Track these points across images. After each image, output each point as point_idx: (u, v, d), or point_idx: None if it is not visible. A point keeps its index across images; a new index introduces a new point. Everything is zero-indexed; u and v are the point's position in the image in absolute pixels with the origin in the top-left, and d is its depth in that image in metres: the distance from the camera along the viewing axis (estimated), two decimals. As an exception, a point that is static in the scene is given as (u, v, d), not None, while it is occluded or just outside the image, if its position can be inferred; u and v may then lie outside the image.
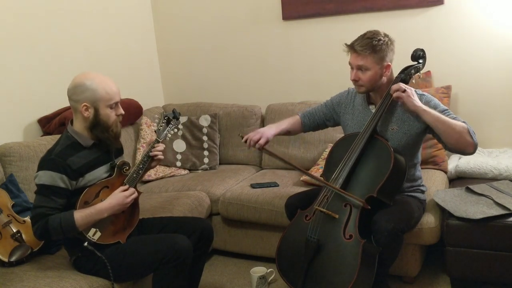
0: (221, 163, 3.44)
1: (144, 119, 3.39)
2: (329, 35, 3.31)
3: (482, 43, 2.94)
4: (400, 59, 2.29)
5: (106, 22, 3.40)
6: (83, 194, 1.97)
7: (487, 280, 2.29)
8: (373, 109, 2.29)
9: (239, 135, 2.43)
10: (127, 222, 2.10)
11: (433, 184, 2.63)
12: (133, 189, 2.07)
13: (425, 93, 2.25)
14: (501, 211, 2.18)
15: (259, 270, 2.56)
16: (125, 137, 3.19)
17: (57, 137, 2.57)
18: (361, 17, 3.19)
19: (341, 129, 2.50)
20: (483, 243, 2.21)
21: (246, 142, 2.35)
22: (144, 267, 2.01)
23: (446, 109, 2.18)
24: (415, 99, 2.11)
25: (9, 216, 2.23)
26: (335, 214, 2.09)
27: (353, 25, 3.19)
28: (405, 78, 2.22)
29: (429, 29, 3.05)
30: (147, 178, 3.18)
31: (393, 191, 2.13)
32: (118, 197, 2.01)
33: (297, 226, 2.21)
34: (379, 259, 2.02)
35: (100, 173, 2.06)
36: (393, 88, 2.14)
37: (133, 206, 2.12)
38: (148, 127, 3.35)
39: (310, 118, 2.51)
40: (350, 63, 2.23)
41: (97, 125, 2.00)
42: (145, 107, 3.49)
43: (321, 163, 2.93)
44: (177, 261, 1.96)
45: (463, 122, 2.11)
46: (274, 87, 3.60)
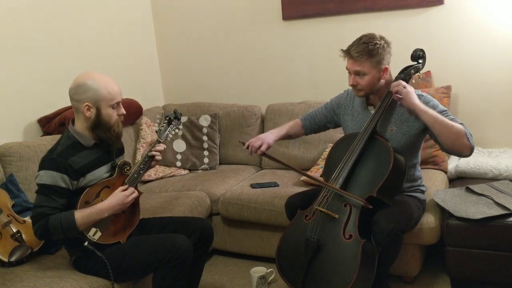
0: (221, 163, 3.44)
1: (144, 119, 3.39)
2: (329, 35, 3.31)
3: (482, 43, 2.94)
4: (400, 59, 2.29)
5: (106, 22, 3.40)
6: (83, 194, 1.97)
7: (487, 280, 2.29)
8: (372, 110, 2.29)
9: (240, 141, 2.45)
10: (127, 222, 2.10)
11: (433, 184, 2.63)
12: (133, 189, 2.06)
13: (424, 94, 2.25)
14: (501, 211, 2.18)
15: (259, 270, 2.56)
16: (125, 137, 3.18)
17: (57, 137, 2.58)
18: (361, 17, 3.19)
19: (341, 129, 2.50)
20: (483, 243, 2.21)
21: (247, 148, 2.37)
22: (144, 267, 2.01)
23: (444, 110, 2.18)
24: (414, 96, 2.11)
25: (9, 216, 2.23)
26: (335, 214, 2.09)
27: (353, 25, 3.20)
28: (404, 78, 2.21)
29: (429, 29, 3.05)
30: (147, 178, 3.18)
31: (393, 191, 2.13)
32: (118, 197, 2.01)
33: (297, 226, 2.22)
34: (379, 259, 2.02)
35: (101, 173, 2.06)
36: (393, 84, 2.14)
37: (134, 206, 2.12)
38: (148, 127, 3.35)
39: (311, 121, 2.52)
40: (347, 68, 2.22)
41: (99, 125, 2.00)
42: (145, 107, 3.49)
43: (321, 163, 2.94)
44: (177, 261, 1.96)
45: (461, 124, 2.11)
46: (274, 87, 3.60)
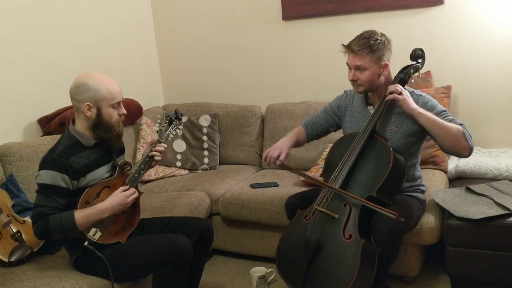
0: (221, 163, 3.44)
1: (144, 119, 3.38)
2: (329, 35, 3.31)
3: (482, 43, 2.94)
4: (400, 59, 2.29)
5: (106, 22, 3.40)
6: (84, 193, 1.97)
7: (487, 280, 2.29)
8: (371, 109, 2.29)
9: (258, 153, 2.53)
10: (127, 222, 2.10)
11: (433, 184, 2.62)
12: (133, 189, 2.06)
13: (423, 94, 2.25)
14: (501, 211, 2.18)
15: (259, 270, 2.56)
16: (125, 137, 3.17)
17: (57, 137, 2.58)
18: (361, 17, 3.19)
19: (341, 129, 2.50)
20: (483, 243, 2.20)
21: (265, 159, 2.33)
22: (144, 267, 2.01)
23: (444, 111, 2.18)
24: (411, 102, 2.11)
25: (9, 216, 2.23)
26: (335, 214, 2.09)
27: (353, 25, 3.19)
28: (404, 77, 2.22)
29: (429, 29, 3.05)
30: (147, 178, 3.18)
31: (393, 191, 2.13)
32: (118, 197, 2.01)
33: (297, 226, 2.21)
34: (379, 259, 2.02)
35: (101, 173, 2.06)
36: (389, 89, 2.14)
37: (134, 206, 2.12)
38: (148, 127, 3.35)
39: (313, 127, 2.51)
40: (347, 64, 2.23)
41: (99, 124, 2.00)
42: (145, 107, 3.49)
43: (321, 163, 2.93)
44: (177, 261, 1.96)
45: (461, 124, 2.11)
46: (274, 87, 3.60)
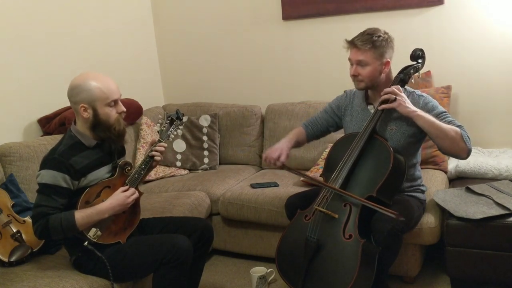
0: (221, 163, 3.44)
1: (144, 119, 3.38)
2: (329, 35, 3.31)
3: (482, 43, 2.94)
4: (399, 59, 2.29)
5: (106, 22, 3.40)
6: (84, 193, 1.97)
7: (487, 280, 2.29)
8: (371, 109, 2.29)
9: (257, 154, 2.44)
10: (127, 222, 2.10)
11: (433, 184, 2.62)
12: (133, 190, 2.06)
13: (423, 94, 2.25)
14: (501, 211, 2.18)
15: (259, 270, 2.56)
16: (126, 137, 3.17)
17: (57, 137, 2.58)
18: (361, 17, 3.19)
19: (341, 129, 2.50)
20: (483, 243, 2.20)
21: (265, 160, 2.35)
22: (144, 267, 2.01)
23: (443, 112, 2.18)
24: (408, 105, 2.10)
25: (9, 216, 2.23)
26: (335, 214, 2.09)
27: (353, 25, 3.16)
28: (404, 78, 2.22)
29: (429, 29, 3.05)
30: (147, 178, 3.18)
31: (393, 191, 2.13)
32: (119, 197, 2.01)
33: (297, 226, 2.21)
34: (379, 258, 2.02)
35: (102, 173, 2.06)
36: (383, 97, 2.13)
37: (134, 206, 2.12)
38: (148, 127, 3.35)
39: (313, 127, 2.51)
40: (349, 59, 2.24)
41: (98, 125, 2.00)
42: (145, 107, 3.49)
43: (321, 163, 2.93)
44: (177, 261, 1.96)
45: (459, 126, 2.11)
46: (274, 87, 3.60)
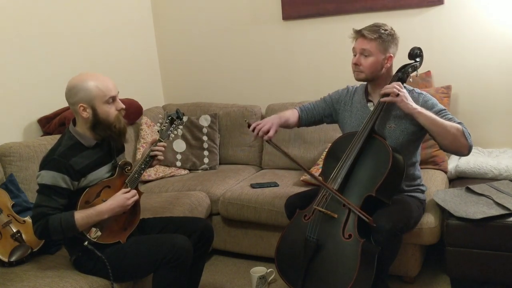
0: (221, 163, 3.44)
1: (144, 119, 3.38)
2: (329, 35, 3.31)
3: (482, 43, 2.94)
4: (399, 59, 2.29)
5: (106, 22, 3.40)
6: (84, 193, 1.97)
7: (487, 280, 2.29)
8: (371, 106, 2.29)
9: (246, 121, 2.34)
10: (127, 222, 2.10)
11: (433, 184, 2.62)
12: (134, 191, 2.06)
13: (423, 92, 2.26)
14: (501, 211, 2.18)
15: (259, 270, 2.56)
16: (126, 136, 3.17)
17: (57, 137, 2.57)
18: (361, 17, 3.19)
19: (335, 124, 2.50)
20: (483, 243, 2.20)
21: (253, 130, 2.25)
22: (144, 267, 2.01)
23: (443, 109, 2.18)
24: (409, 102, 2.10)
25: (9, 216, 2.23)
26: (334, 213, 2.08)
27: (353, 25, 3.13)
28: (402, 76, 2.22)
29: (429, 29, 3.05)
30: (147, 178, 3.18)
31: (392, 190, 2.13)
32: (119, 199, 2.01)
33: (296, 226, 2.21)
34: (379, 258, 2.02)
35: (102, 173, 2.06)
36: (386, 90, 2.13)
37: (134, 206, 2.11)
38: (148, 127, 3.35)
39: (308, 113, 2.49)
40: (354, 48, 2.25)
41: (98, 124, 1.99)
42: (145, 107, 3.49)
43: (321, 163, 2.93)
44: (177, 261, 1.96)
45: (460, 123, 2.11)
46: (274, 87, 3.60)
